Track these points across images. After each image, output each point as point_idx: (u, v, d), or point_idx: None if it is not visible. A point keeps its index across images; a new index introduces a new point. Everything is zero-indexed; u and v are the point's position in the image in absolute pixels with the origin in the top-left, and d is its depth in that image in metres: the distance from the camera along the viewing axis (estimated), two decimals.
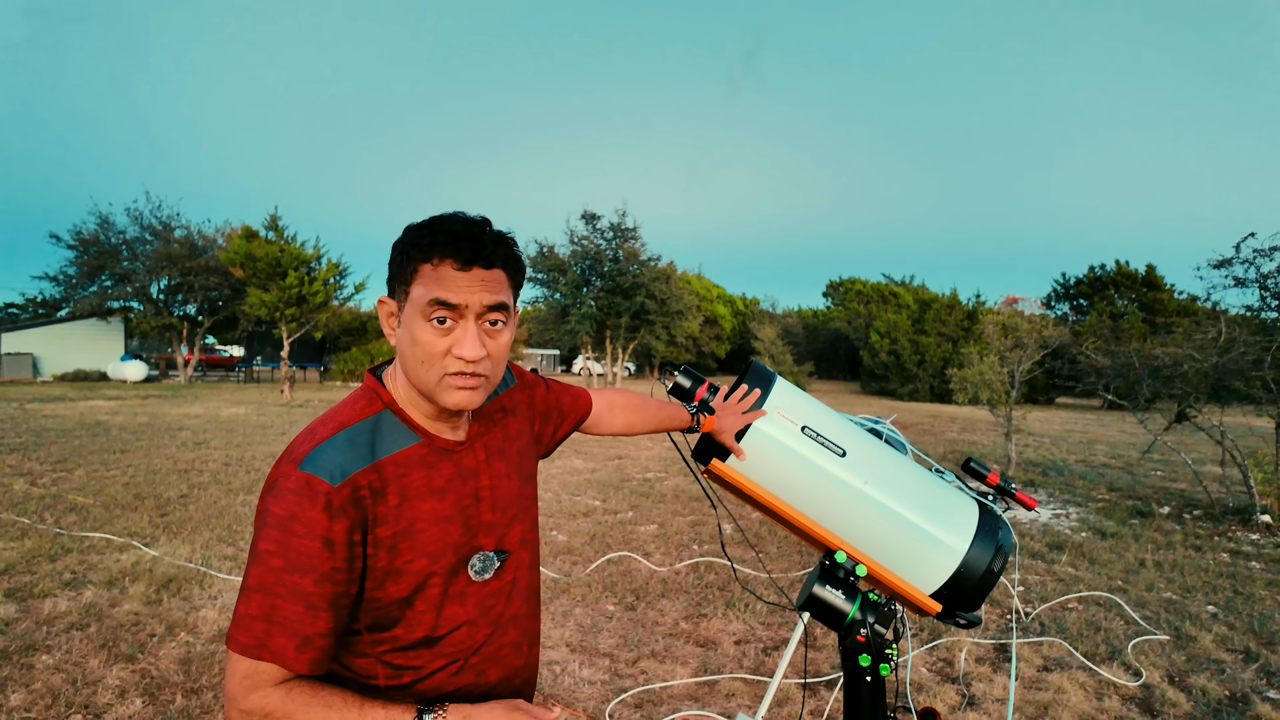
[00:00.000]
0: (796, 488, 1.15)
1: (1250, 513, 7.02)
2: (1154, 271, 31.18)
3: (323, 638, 0.96)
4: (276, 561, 0.94)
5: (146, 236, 25.07)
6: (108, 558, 4.84)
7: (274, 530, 0.94)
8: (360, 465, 0.99)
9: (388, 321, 1.06)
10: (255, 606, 0.94)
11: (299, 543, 0.94)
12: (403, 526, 1.01)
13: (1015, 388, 9.92)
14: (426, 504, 1.04)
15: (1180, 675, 3.62)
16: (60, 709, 2.94)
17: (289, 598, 0.93)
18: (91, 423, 12.16)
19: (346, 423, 1.03)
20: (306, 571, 0.94)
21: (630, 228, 23.13)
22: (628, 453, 10.43)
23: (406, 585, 1.02)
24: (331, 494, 0.95)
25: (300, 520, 0.94)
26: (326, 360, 31.35)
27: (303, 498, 0.94)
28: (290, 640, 0.93)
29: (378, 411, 1.06)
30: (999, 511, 1.20)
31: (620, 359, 24.48)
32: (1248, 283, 7.40)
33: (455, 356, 1.00)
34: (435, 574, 1.04)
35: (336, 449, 0.99)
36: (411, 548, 1.02)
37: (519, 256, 1.08)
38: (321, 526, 0.94)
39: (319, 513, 0.94)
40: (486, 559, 1.11)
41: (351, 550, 0.97)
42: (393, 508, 1.00)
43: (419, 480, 1.04)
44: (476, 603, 1.10)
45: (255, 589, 0.94)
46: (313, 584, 0.94)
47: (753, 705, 3.21)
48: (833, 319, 38.22)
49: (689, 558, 5.34)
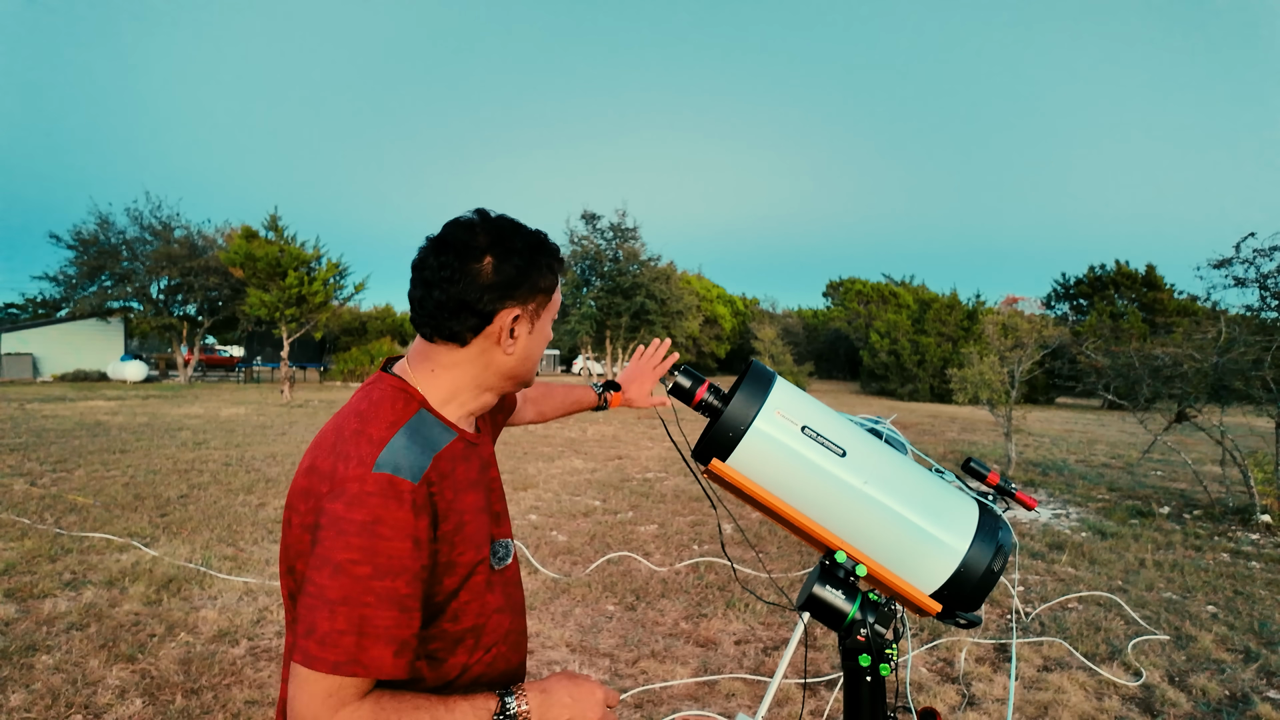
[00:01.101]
0: (796, 488, 1.15)
1: (1250, 513, 7.02)
2: (1154, 271, 31.19)
3: (415, 639, 0.97)
4: (363, 570, 0.91)
5: (146, 236, 25.07)
6: (108, 558, 4.84)
7: (356, 538, 0.92)
8: (425, 461, 1.00)
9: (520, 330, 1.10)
10: (343, 620, 0.91)
11: (388, 545, 0.92)
12: (455, 520, 1.04)
13: (1015, 388, 9.92)
14: (469, 496, 1.07)
15: (1180, 675, 3.62)
16: (60, 709, 2.94)
17: (380, 604, 0.92)
18: (91, 423, 12.17)
19: (399, 422, 1.03)
20: (399, 574, 0.93)
21: (630, 228, 23.15)
22: (628, 453, 10.43)
23: (458, 577, 1.04)
24: (415, 491, 0.96)
25: (386, 523, 0.93)
26: (326, 360, 31.35)
27: (388, 499, 0.93)
28: (388, 648, 0.92)
29: (417, 411, 1.07)
30: (999, 511, 1.20)
31: (620, 359, 24.47)
32: (1248, 283, 7.41)
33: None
34: (481, 562, 1.08)
35: (404, 448, 0.99)
36: (463, 540, 1.05)
37: None
38: (409, 525, 0.94)
39: (406, 512, 0.94)
40: (506, 545, 1.16)
41: (432, 547, 0.99)
42: (449, 502, 1.03)
43: (461, 474, 1.07)
44: (502, 590, 1.14)
45: (340, 602, 0.91)
46: (406, 585, 0.94)
47: (753, 705, 3.21)
48: (833, 319, 38.23)
49: (689, 558, 5.34)
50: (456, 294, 1.03)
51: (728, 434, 1.13)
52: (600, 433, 12.75)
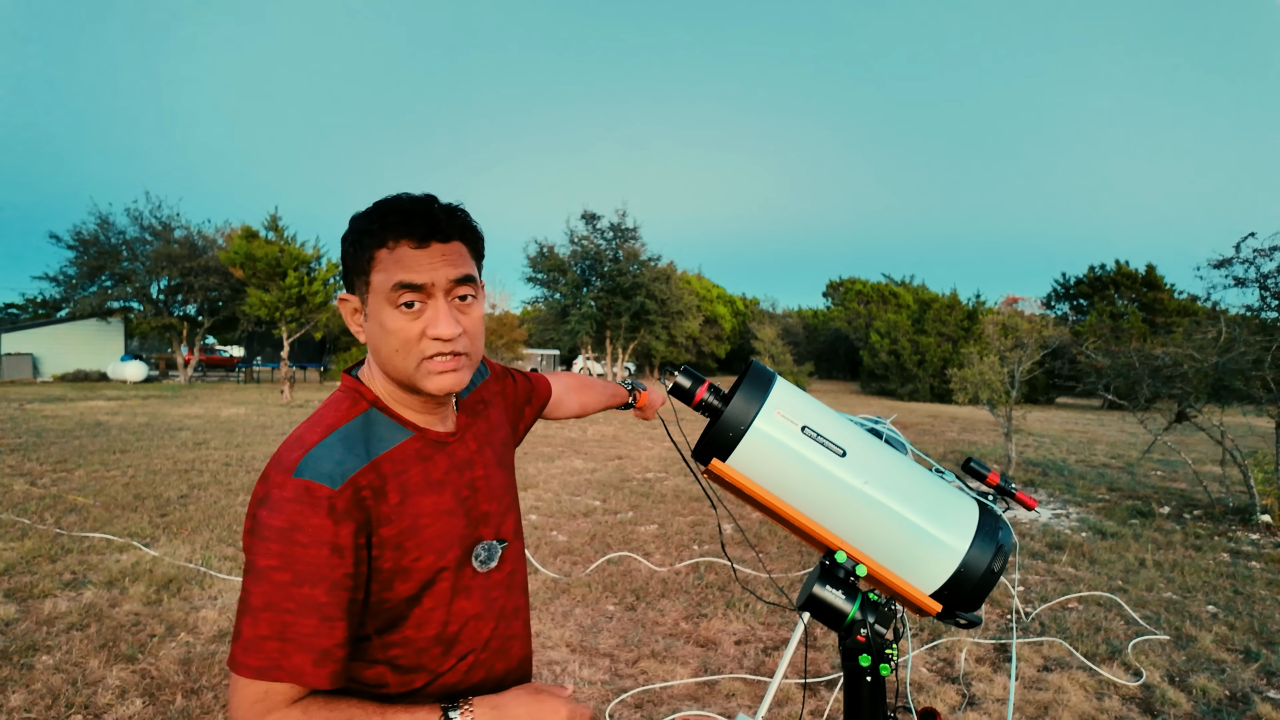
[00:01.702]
0: (796, 488, 1.15)
1: (1250, 512, 7.02)
2: (1154, 271, 31.19)
3: (340, 648, 0.93)
4: (283, 576, 0.90)
5: (146, 237, 25.06)
6: (108, 558, 4.84)
7: (275, 544, 0.90)
8: (358, 465, 0.96)
9: (353, 319, 1.04)
10: (265, 626, 0.89)
11: (305, 553, 0.90)
12: (406, 524, 0.99)
13: (1015, 388, 9.92)
14: (428, 499, 1.02)
15: (1180, 675, 3.62)
16: (60, 709, 2.94)
17: (301, 612, 0.90)
18: (91, 423, 12.17)
19: (335, 424, 1.00)
20: (317, 582, 0.90)
21: (630, 228, 23.16)
22: (628, 453, 10.43)
23: (415, 583, 1.00)
24: (334, 497, 0.92)
25: (303, 529, 0.90)
26: (326, 360, 31.35)
27: (303, 505, 0.91)
28: (307, 656, 0.90)
29: (365, 410, 1.03)
30: (999, 511, 1.20)
31: (620, 359, 24.48)
32: (1248, 283, 7.40)
33: (431, 338, 0.97)
34: (444, 568, 1.03)
35: (331, 451, 0.96)
36: (418, 545, 1.00)
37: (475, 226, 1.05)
38: (327, 533, 0.91)
39: (323, 519, 0.91)
40: (490, 548, 1.11)
41: (357, 554, 0.94)
42: (395, 506, 0.98)
43: (417, 475, 1.02)
44: (481, 595, 1.09)
45: (262, 608, 0.90)
46: (325, 594, 0.91)
47: (753, 705, 3.21)
48: (833, 319, 38.23)
49: (689, 558, 5.34)
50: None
51: (728, 434, 1.13)
52: (600, 433, 12.75)
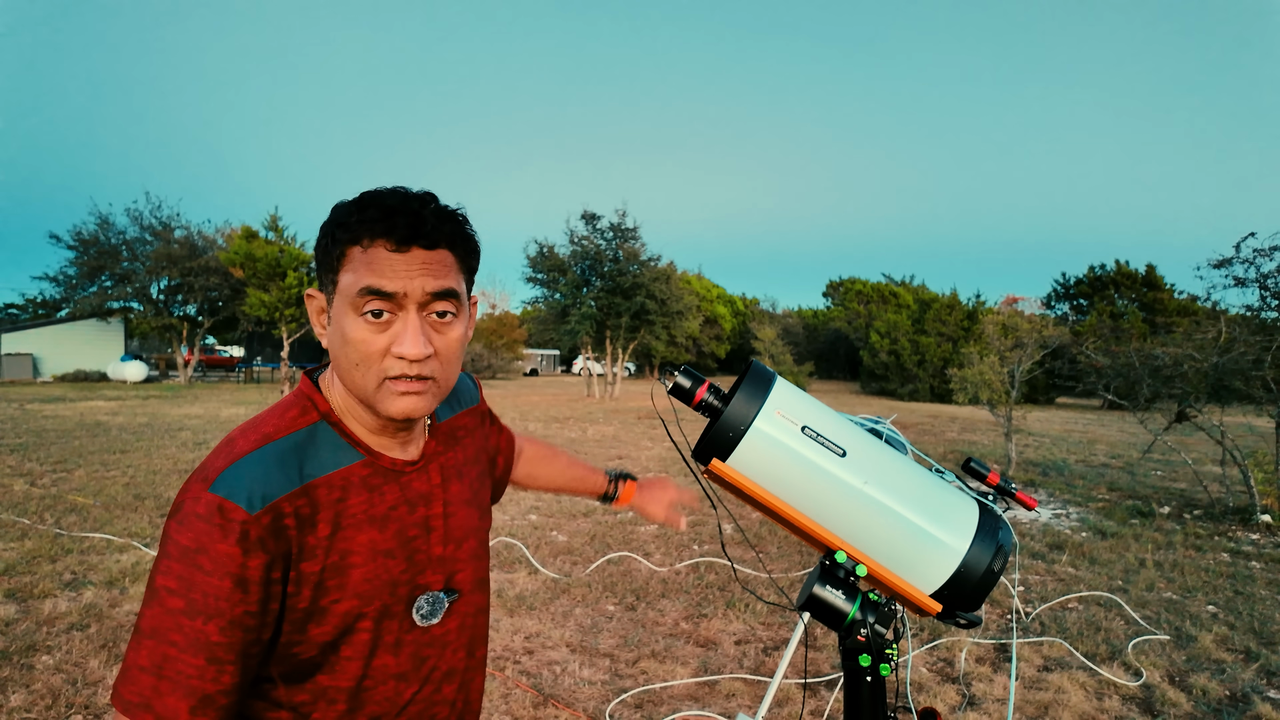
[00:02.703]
0: (796, 488, 1.15)
1: (1250, 512, 7.02)
2: (1154, 271, 31.20)
3: (226, 695, 0.80)
4: (176, 602, 0.77)
5: (146, 237, 25.09)
6: (108, 558, 4.84)
7: (176, 564, 0.78)
8: (286, 489, 0.83)
9: (318, 319, 0.91)
10: (145, 656, 0.77)
11: (205, 581, 0.77)
12: (333, 560, 0.85)
13: (1015, 388, 9.92)
14: (364, 534, 0.88)
15: (1180, 675, 3.62)
16: (60, 709, 2.94)
17: (187, 647, 0.77)
18: (91, 423, 12.17)
19: (273, 435, 0.86)
20: (212, 616, 0.77)
21: (630, 228, 23.14)
22: (628, 453, 10.44)
23: (330, 628, 0.86)
24: (248, 523, 0.79)
25: (208, 554, 0.77)
26: (326, 360, 31.35)
27: (213, 527, 0.78)
28: (184, 700, 0.77)
29: (313, 423, 0.89)
30: (999, 511, 1.19)
31: (620, 359, 24.49)
32: (1248, 283, 7.41)
33: (395, 356, 0.84)
34: (365, 616, 0.88)
35: (258, 467, 0.82)
36: (340, 585, 0.86)
37: (470, 235, 0.90)
38: (234, 563, 0.78)
39: (231, 546, 0.78)
40: (435, 600, 0.95)
41: (268, 590, 0.81)
42: (323, 539, 0.85)
43: (357, 506, 0.88)
44: (411, 653, 0.94)
45: (148, 634, 0.77)
46: (218, 632, 0.78)
47: (753, 705, 3.21)
48: (833, 319, 38.26)
49: (689, 558, 5.34)
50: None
51: (728, 434, 1.13)
52: (600, 433, 12.75)
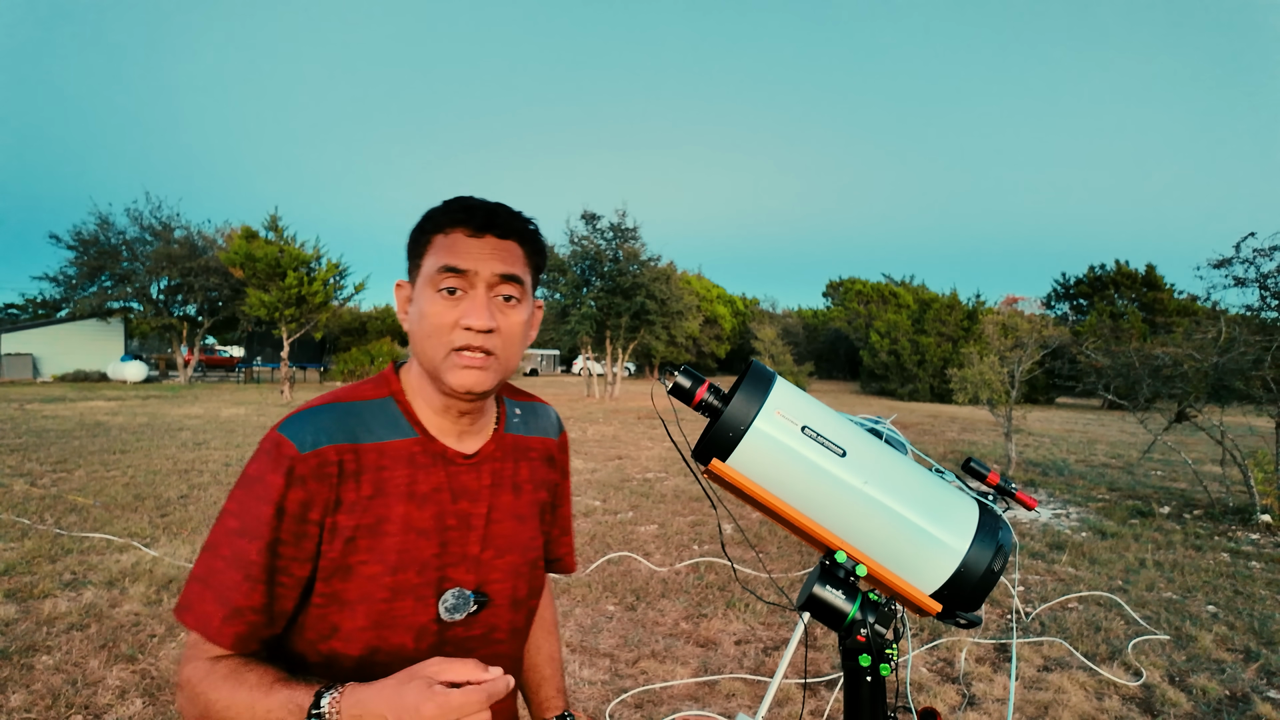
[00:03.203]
0: (796, 488, 1.15)
1: (1250, 512, 7.02)
2: (1154, 271, 31.21)
3: (255, 613, 0.87)
4: (233, 523, 0.89)
5: (146, 237, 25.10)
6: (108, 558, 4.84)
7: (239, 489, 0.90)
8: (339, 440, 0.92)
9: (403, 307, 1.01)
10: (201, 566, 0.89)
11: (256, 506, 0.88)
12: (368, 521, 0.92)
13: (1015, 388, 9.92)
14: (401, 506, 0.94)
15: (1180, 675, 3.62)
16: (60, 709, 2.94)
17: (231, 562, 0.87)
18: (91, 423, 12.17)
19: (343, 398, 0.97)
20: (254, 538, 0.87)
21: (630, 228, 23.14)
22: (628, 453, 10.43)
23: (357, 589, 0.92)
24: (296, 460, 0.89)
25: (262, 482, 0.89)
26: (326, 360, 31.37)
27: (269, 458, 0.89)
28: (219, 609, 0.86)
29: (381, 397, 0.99)
30: (999, 511, 1.19)
31: (620, 359, 24.48)
32: (1248, 282, 7.41)
33: (463, 328, 0.92)
34: (387, 586, 0.92)
35: (318, 418, 0.93)
36: (371, 548, 0.92)
37: (538, 236, 1.01)
38: (277, 492, 0.88)
39: (278, 477, 0.88)
40: (462, 597, 0.98)
41: (303, 527, 0.89)
42: (363, 497, 0.92)
43: (400, 479, 0.95)
44: (432, 645, 0.96)
45: (207, 548, 0.90)
46: (256, 552, 0.87)
47: (753, 705, 3.21)
48: (833, 319, 38.24)
49: (689, 558, 5.34)
50: None
51: (728, 434, 1.13)
52: (600, 433, 12.75)
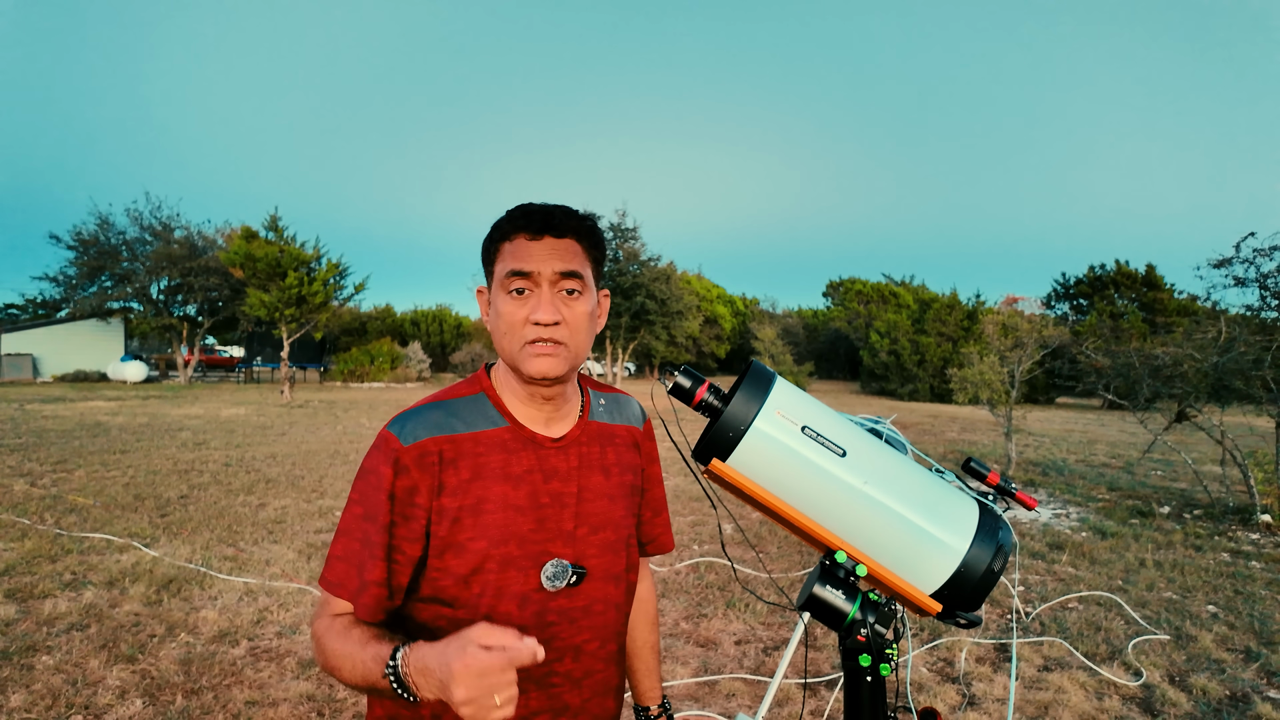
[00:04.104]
0: (796, 488, 1.15)
1: (1250, 512, 7.02)
2: (1154, 271, 31.18)
3: (378, 586, 1.01)
4: (359, 509, 1.03)
5: (146, 237, 25.10)
6: (108, 558, 4.84)
7: (359, 480, 1.04)
8: (436, 433, 1.05)
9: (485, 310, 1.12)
10: (339, 547, 1.03)
11: (373, 494, 1.02)
12: (469, 502, 1.04)
13: (1015, 388, 9.92)
14: (499, 487, 1.05)
15: (1181, 675, 3.62)
16: (60, 709, 2.94)
17: (364, 543, 1.01)
18: (91, 423, 12.16)
19: (443, 397, 1.10)
20: (374, 519, 1.01)
21: (630, 228, 23.15)
22: None
23: (465, 563, 1.03)
24: (400, 452, 1.02)
25: (375, 472, 1.03)
26: (326, 360, 31.36)
27: (379, 451, 1.03)
28: (354, 580, 1.01)
29: (475, 393, 1.11)
30: (999, 511, 1.19)
31: (620, 359, 24.48)
32: (1248, 282, 7.40)
33: (532, 323, 1.03)
34: (492, 559, 1.04)
35: (422, 415, 1.06)
36: (475, 525, 1.04)
37: (595, 229, 1.10)
38: (387, 480, 1.02)
39: (387, 467, 1.02)
40: (560, 567, 1.08)
41: (411, 510, 1.02)
42: (463, 481, 1.04)
43: (495, 463, 1.06)
44: (536, 612, 1.07)
45: (341, 532, 1.04)
46: (377, 532, 1.01)
47: (753, 705, 3.21)
48: (833, 319, 38.21)
49: (689, 558, 5.34)
50: None
51: (728, 434, 1.13)
52: None
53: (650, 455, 1.31)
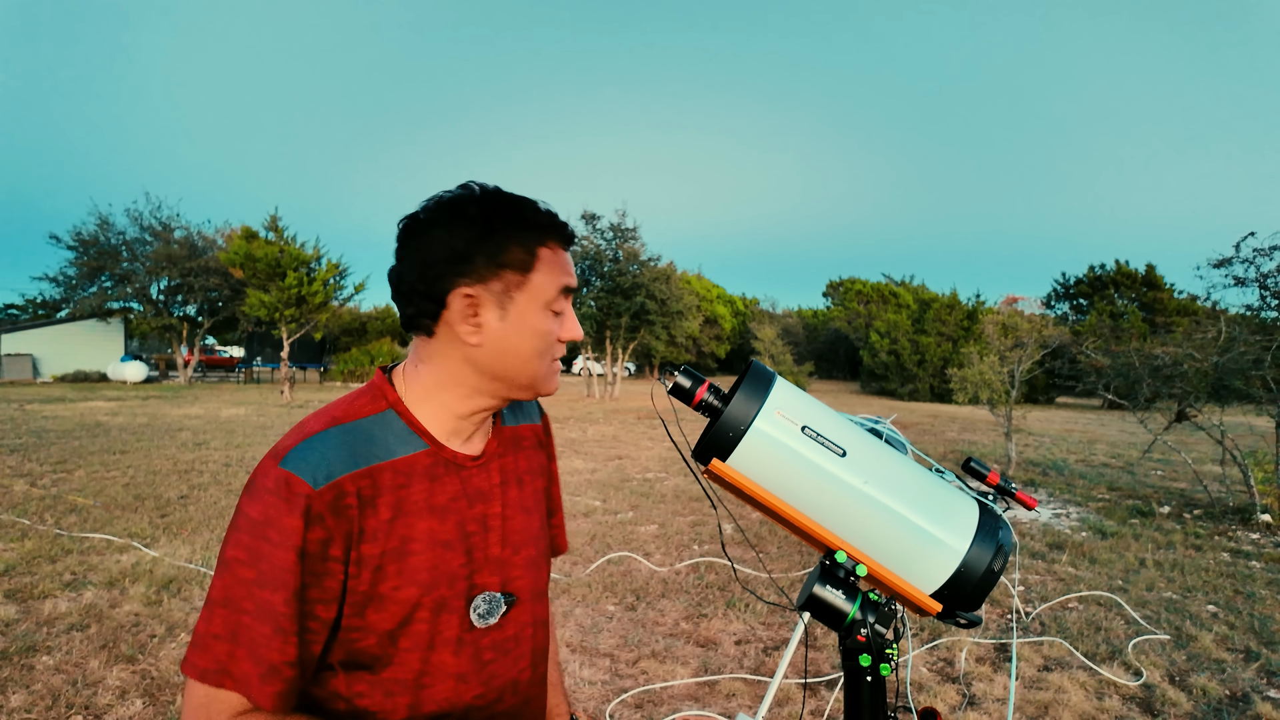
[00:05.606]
0: (796, 488, 1.15)
1: (1250, 512, 7.02)
2: (1154, 271, 31.18)
3: (291, 668, 0.83)
4: (247, 573, 0.81)
5: (146, 237, 25.09)
6: (108, 559, 4.84)
7: (245, 535, 0.82)
8: (350, 468, 0.86)
9: (472, 317, 0.90)
10: (219, 624, 0.81)
11: (272, 552, 0.81)
12: (393, 545, 0.88)
13: (1015, 387, 9.92)
14: (424, 523, 0.90)
15: (1181, 675, 3.62)
16: (60, 710, 2.94)
17: (258, 616, 0.81)
18: (91, 423, 12.16)
19: (341, 419, 0.90)
20: (278, 588, 0.81)
21: (630, 228, 23.14)
22: (628, 453, 10.43)
23: (391, 616, 0.88)
24: (312, 498, 0.82)
25: (275, 526, 0.81)
26: (326, 361, 31.36)
27: (279, 499, 0.82)
28: (255, 667, 0.81)
29: (380, 411, 0.93)
30: (999, 511, 1.19)
31: (620, 359, 24.48)
32: (1248, 282, 7.41)
33: (562, 341, 0.94)
34: (422, 606, 0.90)
35: (324, 446, 0.86)
36: (400, 572, 0.88)
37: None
38: (297, 535, 0.82)
39: (295, 519, 0.82)
40: (492, 600, 0.96)
41: (325, 565, 0.84)
42: (384, 522, 0.88)
43: (419, 494, 0.91)
44: (472, 654, 0.95)
45: (220, 603, 0.81)
46: (283, 603, 0.81)
47: (753, 705, 3.21)
48: (833, 319, 38.22)
49: (689, 558, 5.34)
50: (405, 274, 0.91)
51: (728, 434, 1.13)
52: (600, 433, 12.75)
53: (551, 451, 1.19)
